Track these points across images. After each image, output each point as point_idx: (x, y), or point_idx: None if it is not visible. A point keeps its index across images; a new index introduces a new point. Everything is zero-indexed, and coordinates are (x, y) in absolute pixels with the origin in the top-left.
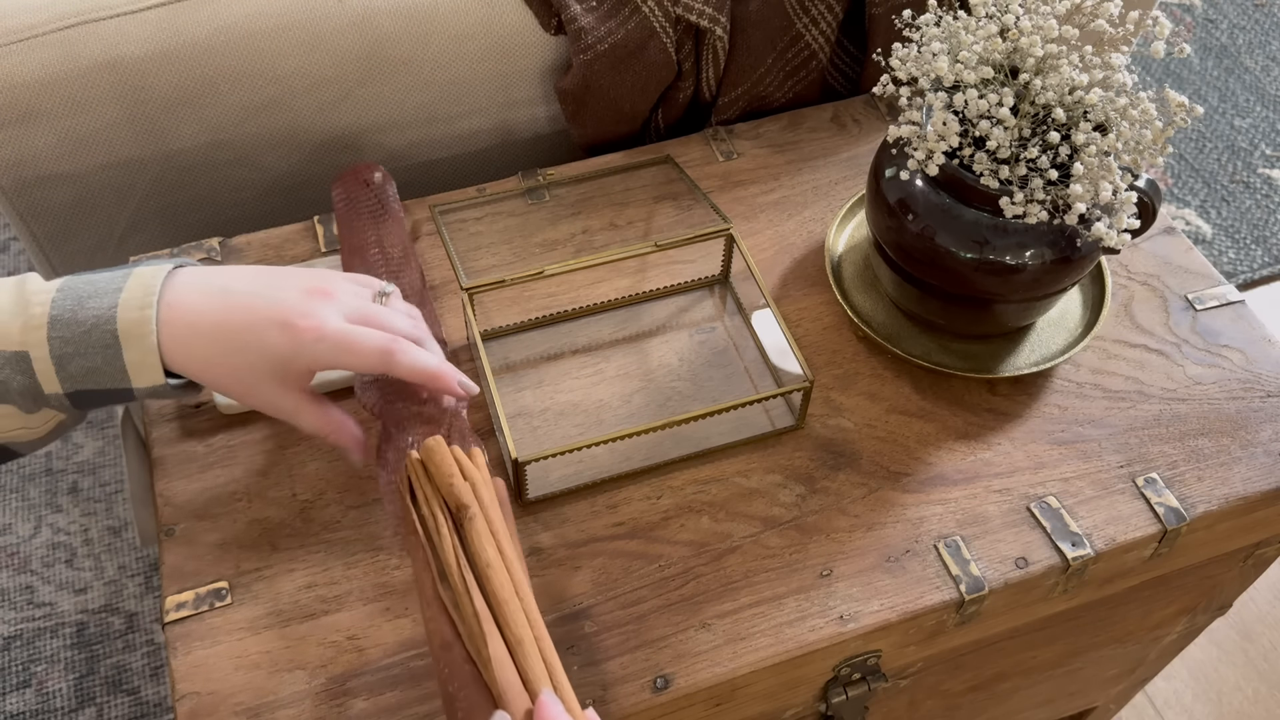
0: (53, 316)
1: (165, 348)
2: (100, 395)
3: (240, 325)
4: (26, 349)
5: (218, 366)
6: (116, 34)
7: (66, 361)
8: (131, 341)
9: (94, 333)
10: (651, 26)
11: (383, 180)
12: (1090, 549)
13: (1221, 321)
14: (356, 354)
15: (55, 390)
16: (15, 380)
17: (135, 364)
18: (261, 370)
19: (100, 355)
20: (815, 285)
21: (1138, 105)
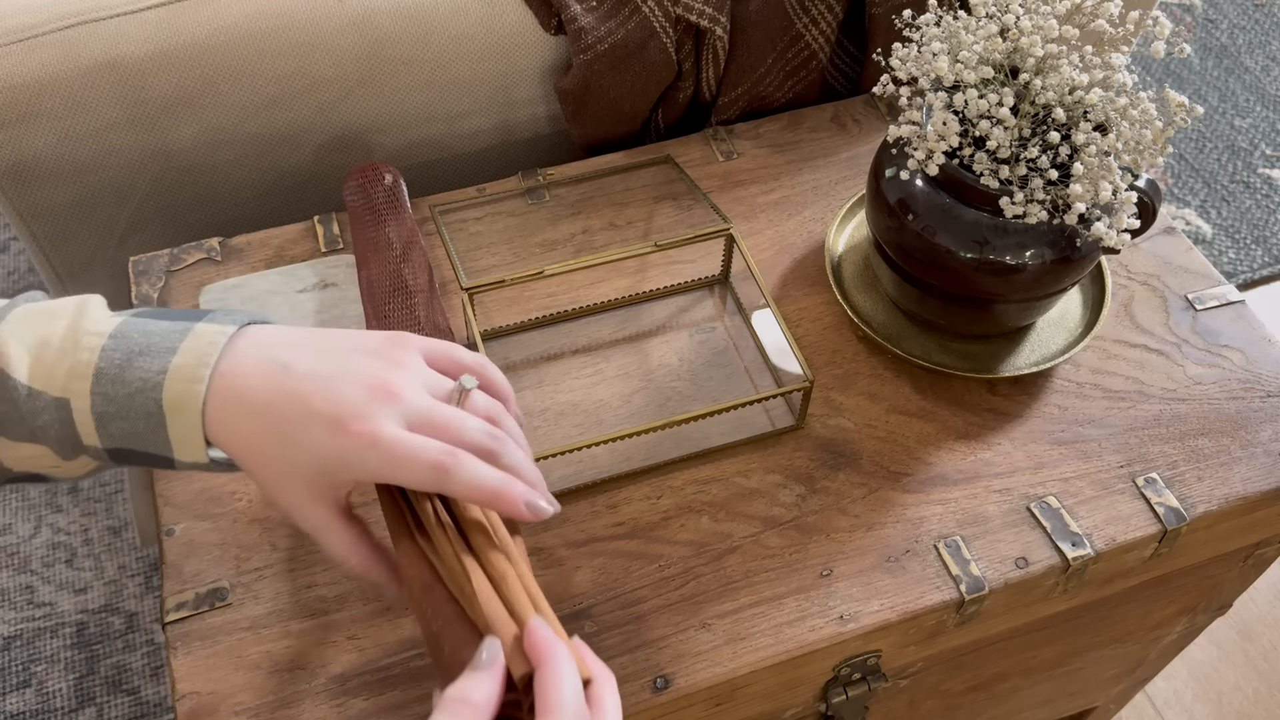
0: (99, 369)
1: (210, 420)
2: (140, 457)
3: (290, 415)
4: (68, 397)
5: (257, 454)
6: (116, 34)
7: (107, 420)
8: (176, 416)
9: (138, 398)
10: (651, 26)
11: (394, 181)
12: (1090, 549)
13: (1221, 321)
14: (408, 468)
15: (94, 444)
16: (54, 427)
17: (179, 439)
18: (302, 470)
19: (143, 422)
20: (815, 285)
21: (1138, 105)
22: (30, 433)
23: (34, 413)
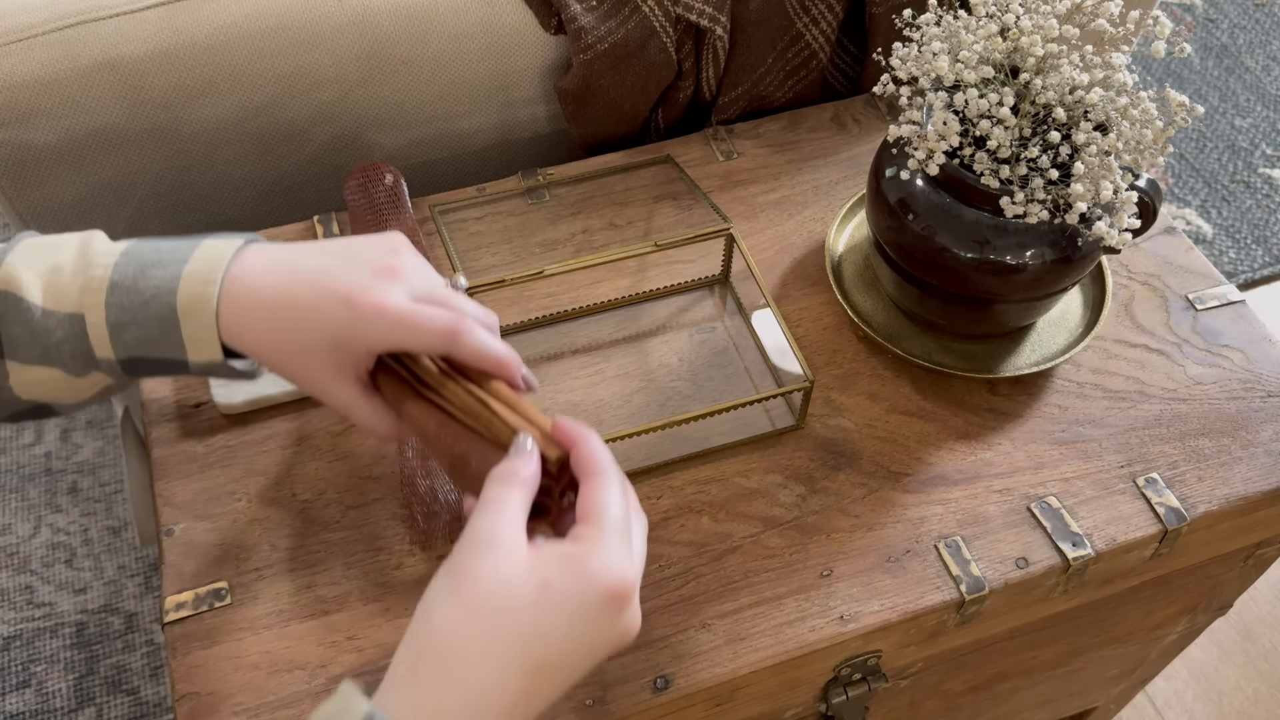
0: (113, 282)
1: (224, 322)
2: (154, 364)
3: (302, 302)
4: (83, 311)
5: (276, 344)
6: (116, 34)
7: (122, 330)
8: (190, 317)
9: (152, 304)
10: (651, 26)
11: (394, 181)
12: (1091, 549)
13: (1222, 321)
14: (420, 332)
15: (107, 356)
16: (68, 343)
17: (193, 339)
18: (319, 350)
19: (157, 326)
20: (815, 285)
21: (1138, 105)
22: (43, 352)
23: (47, 331)
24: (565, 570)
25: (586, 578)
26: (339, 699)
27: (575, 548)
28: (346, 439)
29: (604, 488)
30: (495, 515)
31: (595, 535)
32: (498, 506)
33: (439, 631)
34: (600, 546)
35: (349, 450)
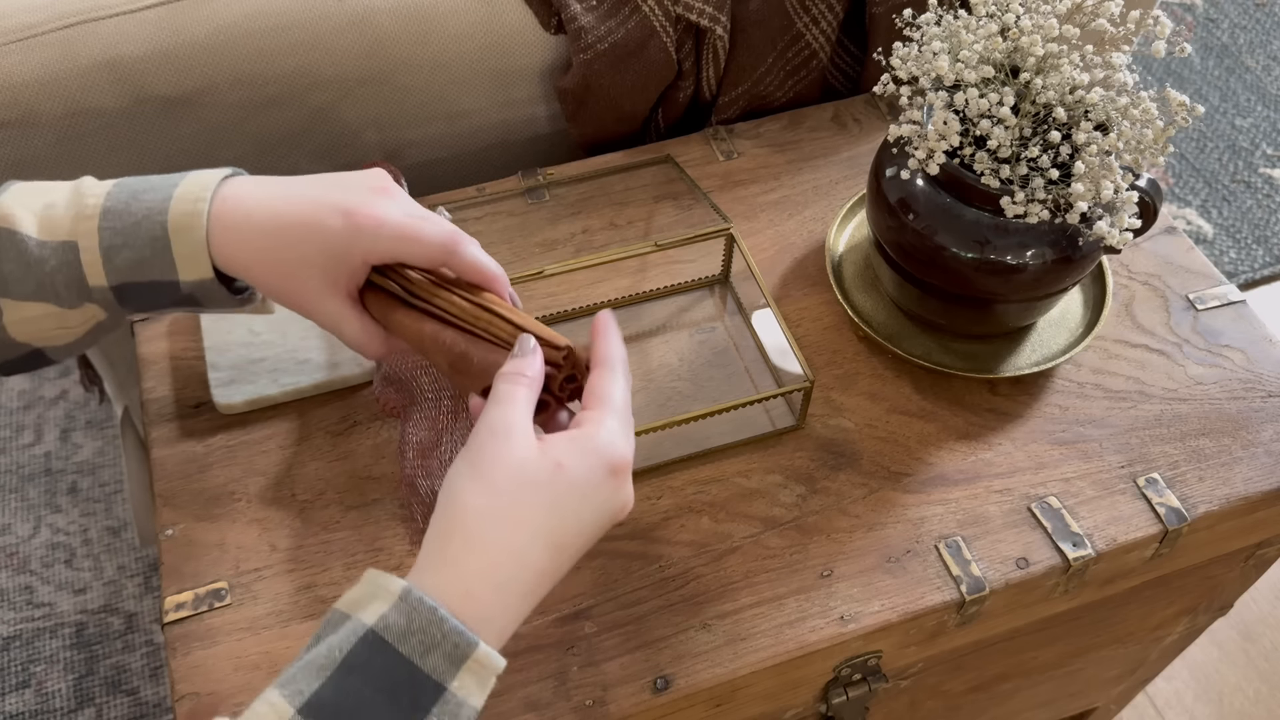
0: (105, 208)
1: (216, 241)
2: (145, 289)
3: (298, 216)
4: (75, 239)
5: (268, 260)
6: (116, 34)
7: (114, 253)
8: (181, 234)
9: (144, 224)
10: (652, 26)
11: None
12: (1091, 549)
13: (1223, 321)
14: (419, 243)
15: (100, 283)
16: (61, 272)
17: (183, 256)
18: (314, 264)
19: (149, 247)
20: (816, 285)
21: (1139, 105)
22: (36, 286)
23: (41, 261)
24: (575, 450)
25: (594, 454)
26: (366, 583)
27: (582, 430)
28: (346, 439)
29: (611, 377)
30: (507, 408)
31: (599, 418)
32: (509, 400)
33: (465, 512)
34: (605, 427)
35: (349, 450)
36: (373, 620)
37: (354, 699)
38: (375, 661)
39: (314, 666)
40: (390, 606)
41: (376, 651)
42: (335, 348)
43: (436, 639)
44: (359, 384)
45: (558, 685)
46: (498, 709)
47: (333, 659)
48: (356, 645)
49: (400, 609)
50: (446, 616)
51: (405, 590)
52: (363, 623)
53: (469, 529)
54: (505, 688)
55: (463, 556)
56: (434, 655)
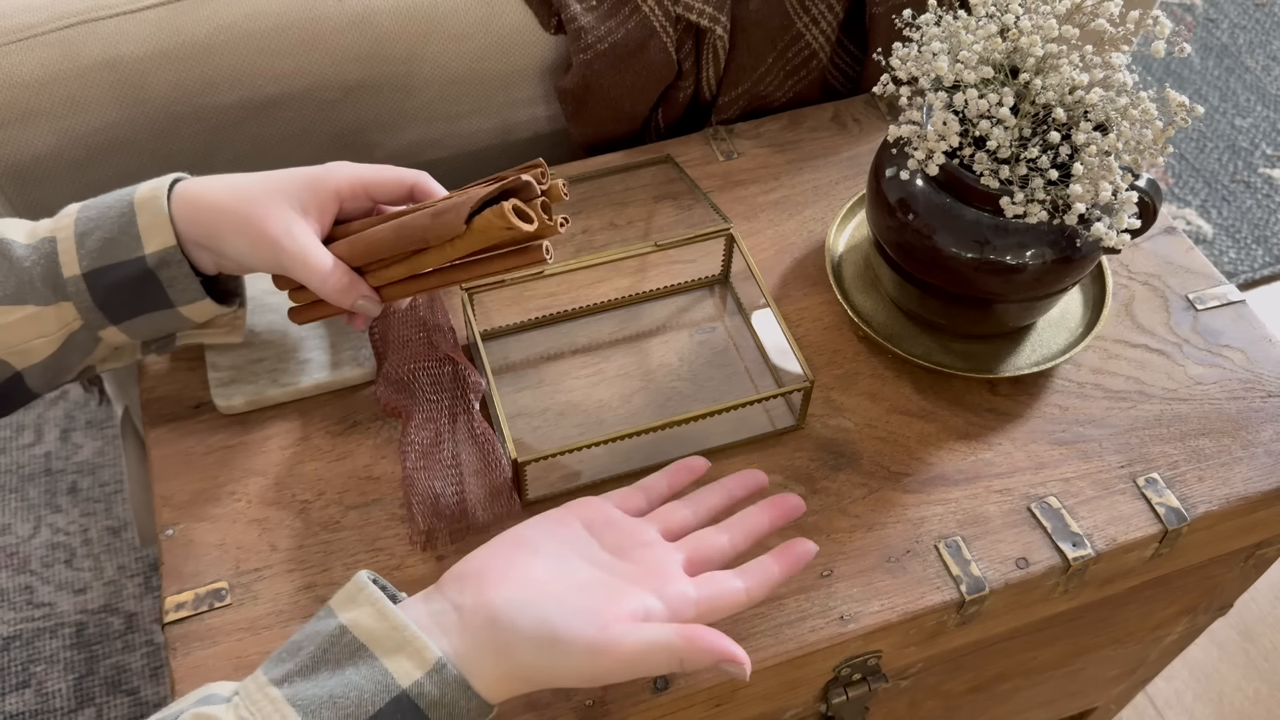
0: (84, 204)
1: (178, 210)
2: (114, 270)
3: (263, 174)
4: (54, 234)
5: (234, 201)
6: (116, 33)
7: (86, 237)
8: (144, 206)
9: (114, 206)
10: (651, 26)
11: None
12: (1091, 549)
13: (1222, 321)
14: (389, 172)
15: (74, 272)
16: (40, 266)
17: (147, 227)
18: (288, 188)
19: (116, 224)
20: (815, 285)
21: (1138, 105)
22: (16, 285)
23: (23, 259)
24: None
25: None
26: (379, 617)
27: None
28: (346, 439)
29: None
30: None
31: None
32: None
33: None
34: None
35: (349, 450)
36: (407, 684)
37: None
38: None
39: (341, 710)
40: (425, 674)
41: (408, 714)
42: (335, 348)
43: (462, 709)
44: (359, 384)
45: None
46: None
47: (363, 710)
48: (389, 704)
49: (435, 681)
50: (476, 693)
51: (439, 664)
52: (396, 684)
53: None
54: None
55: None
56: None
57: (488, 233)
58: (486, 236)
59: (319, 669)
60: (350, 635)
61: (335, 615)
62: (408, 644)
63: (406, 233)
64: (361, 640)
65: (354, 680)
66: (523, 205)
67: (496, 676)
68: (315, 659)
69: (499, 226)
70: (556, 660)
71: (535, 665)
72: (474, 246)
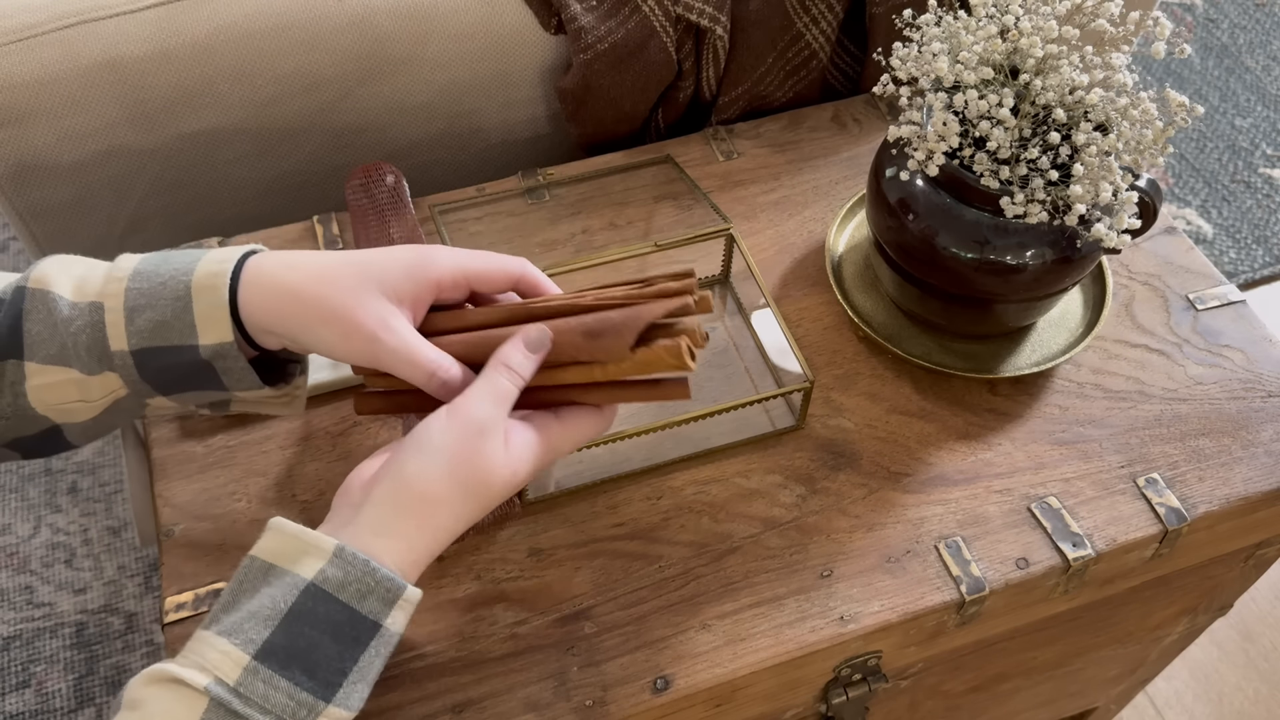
0: (136, 269)
1: (245, 302)
2: (165, 354)
3: (353, 257)
4: (103, 300)
5: (316, 290)
6: (116, 33)
7: (137, 314)
8: (203, 294)
9: (169, 284)
10: (652, 26)
11: (396, 181)
12: (1091, 549)
13: (1222, 321)
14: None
15: (121, 347)
16: (85, 333)
17: (204, 316)
18: (387, 277)
19: (170, 308)
20: (815, 285)
21: (1138, 105)
22: (60, 347)
23: (68, 321)
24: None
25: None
26: (289, 537)
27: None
28: (346, 439)
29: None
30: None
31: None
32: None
33: (430, 503)
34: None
35: (349, 450)
36: (311, 575)
37: (304, 640)
38: (319, 609)
39: (260, 617)
40: (326, 562)
41: (319, 601)
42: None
43: (370, 586)
44: (359, 384)
45: (558, 685)
46: (497, 709)
47: (278, 610)
48: (300, 597)
49: (336, 564)
50: (377, 567)
51: (339, 548)
52: (302, 577)
53: (426, 516)
54: (505, 688)
55: (414, 535)
56: (370, 599)
57: (652, 366)
58: (648, 369)
59: (238, 599)
60: (258, 560)
61: (248, 554)
62: (308, 546)
63: (553, 351)
64: (268, 560)
65: (267, 593)
66: (694, 342)
67: (413, 530)
68: (234, 592)
69: (667, 364)
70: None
71: (425, 473)
72: (627, 375)
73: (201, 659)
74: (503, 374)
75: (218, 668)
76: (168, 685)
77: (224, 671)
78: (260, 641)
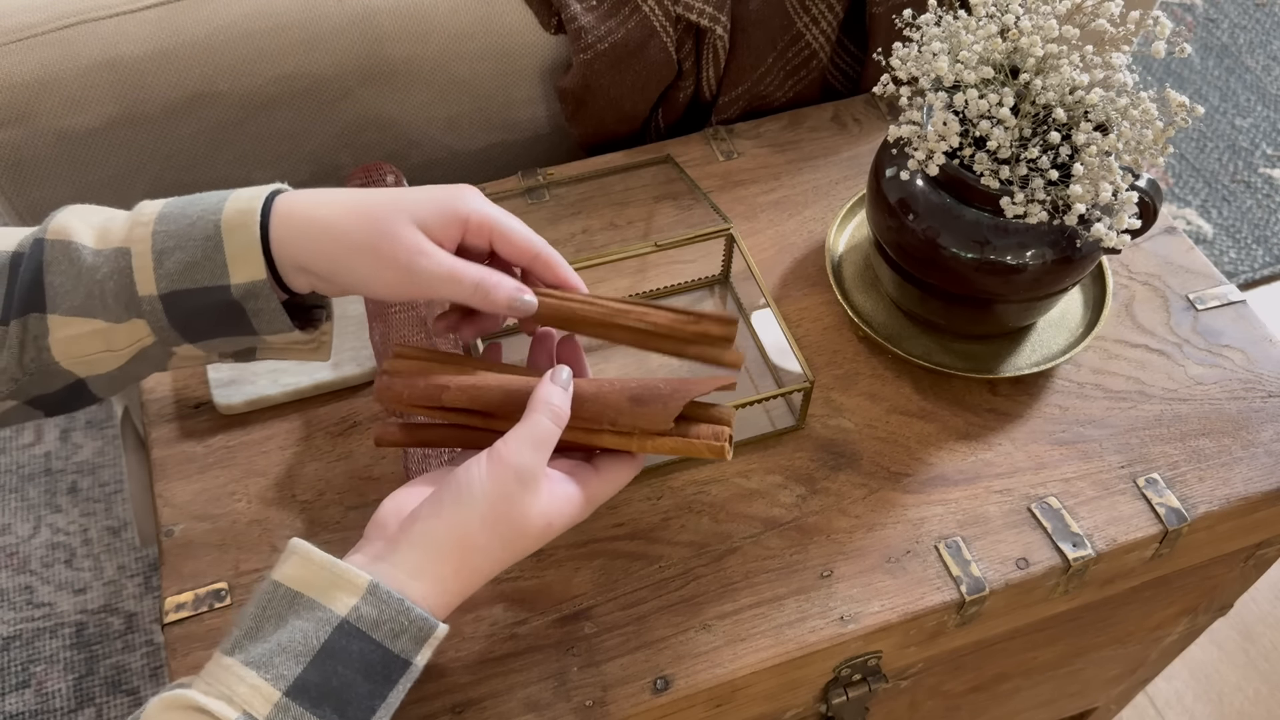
0: (161, 213)
1: (279, 232)
2: (194, 296)
3: (387, 194)
4: (129, 245)
5: (350, 222)
6: (115, 33)
7: (166, 256)
8: (234, 232)
9: (198, 224)
10: (652, 26)
11: (396, 181)
12: (1091, 549)
13: (1223, 321)
14: (519, 222)
15: (150, 291)
16: (111, 279)
17: (235, 256)
18: (406, 207)
19: (200, 248)
20: (816, 285)
21: (1138, 105)
22: (85, 296)
23: (93, 270)
24: (566, 513)
25: (571, 514)
26: (319, 568)
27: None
28: (346, 439)
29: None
30: (537, 453)
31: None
32: (542, 443)
33: (470, 551)
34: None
35: (349, 450)
36: (345, 611)
37: (336, 679)
38: (352, 648)
39: (291, 652)
40: (360, 599)
41: (352, 639)
42: (335, 348)
43: (404, 625)
44: (359, 384)
45: (558, 685)
46: (498, 709)
47: (310, 646)
48: (333, 634)
49: (370, 602)
50: (412, 607)
51: (372, 585)
52: (335, 613)
53: (462, 562)
54: (505, 688)
55: (449, 579)
56: (402, 639)
57: (691, 448)
58: (685, 450)
59: (263, 627)
60: (284, 587)
61: (269, 577)
62: (339, 578)
63: (594, 408)
64: (295, 589)
65: (297, 625)
66: (728, 431)
67: (448, 574)
68: (258, 619)
69: (703, 448)
70: (477, 502)
71: (464, 521)
72: (663, 450)
73: (229, 690)
74: (545, 414)
75: (248, 703)
76: (192, 714)
77: (254, 707)
78: (292, 678)
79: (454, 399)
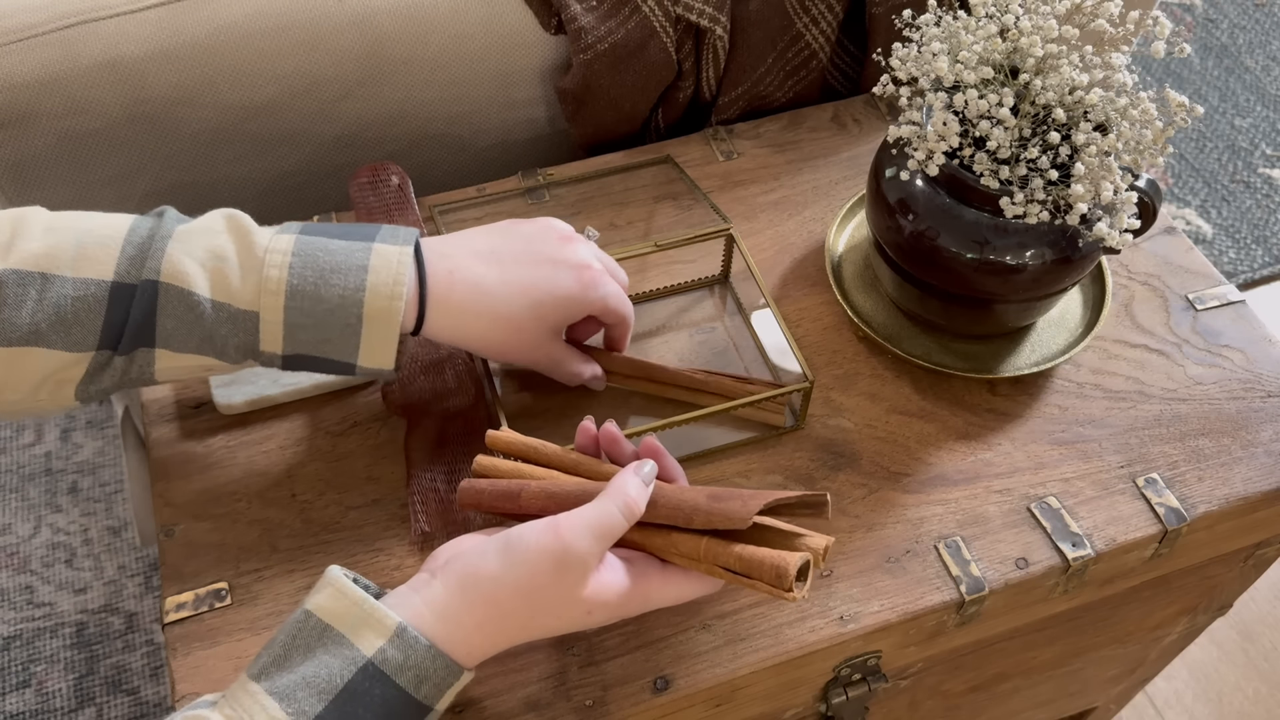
0: (292, 286)
1: (434, 322)
2: (317, 361)
3: (530, 280)
4: (258, 310)
5: (497, 335)
6: (116, 34)
7: (298, 330)
8: (375, 325)
9: (338, 313)
10: (652, 26)
11: (401, 182)
12: (1090, 549)
13: (1222, 321)
14: (625, 303)
15: (274, 350)
16: (235, 337)
17: (370, 347)
18: (547, 318)
19: (338, 332)
20: (815, 285)
21: (1138, 105)
22: (200, 340)
23: (215, 321)
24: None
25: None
26: (350, 602)
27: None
28: (346, 439)
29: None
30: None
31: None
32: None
33: (505, 616)
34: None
35: (349, 450)
36: (371, 652)
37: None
38: (374, 691)
39: (314, 688)
40: (387, 641)
41: (375, 682)
42: None
43: (429, 671)
44: (359, 384)
45: (558, 685)
46: (498, 709)
47: (333, 684)
48: (357, 675)
49: (397, 645)
50: (439, 653)
51: (400, 628)
52: (361, 653)
53: (490, 619)
54: (505, 688)
55: (473, 631)
56: (426, 685)
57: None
58: (751, 567)
59: (291, 656)
60: (315, 618)
61: (303, 605)
62: (369, 616)
63: (669, 507)
64: (326, 621)
65: (324, 660)
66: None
67: (472, 625)
68: (287, 647)
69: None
70: (518, 566)
71: (501, 579)
72: (729, 561)
73: (250, 717)
74: (617, 504)
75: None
76: None
77: None
78: (312, 715)
79: (530, 503)
